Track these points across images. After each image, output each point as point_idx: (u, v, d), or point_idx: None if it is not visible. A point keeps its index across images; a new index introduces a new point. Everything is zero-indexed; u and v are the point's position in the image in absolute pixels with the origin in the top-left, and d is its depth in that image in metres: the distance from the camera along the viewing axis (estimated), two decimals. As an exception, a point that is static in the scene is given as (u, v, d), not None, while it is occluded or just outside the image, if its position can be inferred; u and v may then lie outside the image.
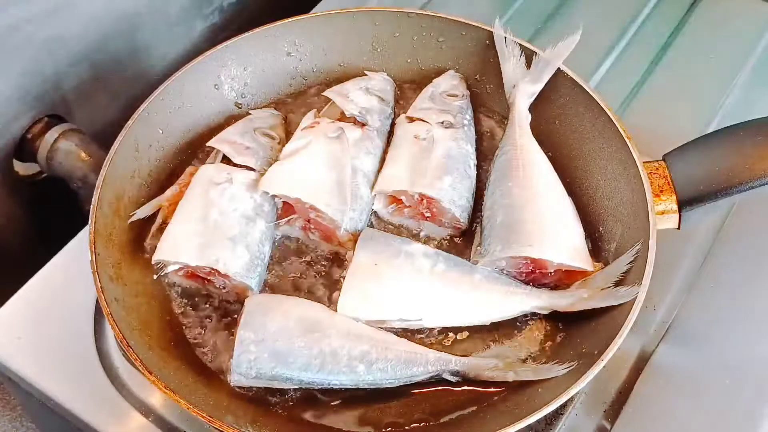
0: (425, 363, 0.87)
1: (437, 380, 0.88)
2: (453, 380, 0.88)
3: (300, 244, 0.99)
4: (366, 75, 1.11)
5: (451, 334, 0.92)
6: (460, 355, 0.89)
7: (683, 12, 1.36)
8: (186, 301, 0.95)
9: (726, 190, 0.92)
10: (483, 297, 0.91)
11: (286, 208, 0.98)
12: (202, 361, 0.90)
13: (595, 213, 0.98)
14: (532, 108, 1.04)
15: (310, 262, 0.98)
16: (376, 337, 0.87)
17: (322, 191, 0.95)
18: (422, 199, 0.97)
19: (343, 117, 1.05)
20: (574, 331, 0.91)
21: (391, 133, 1.07)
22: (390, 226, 1.01)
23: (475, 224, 0.99)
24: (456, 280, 0.91)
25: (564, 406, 0.91)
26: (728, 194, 0.92)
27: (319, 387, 0.87)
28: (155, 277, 0.94)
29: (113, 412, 0.93)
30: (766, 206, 1.10)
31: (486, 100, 1.12)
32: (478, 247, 0.95)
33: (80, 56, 1.18)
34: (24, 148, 1.15)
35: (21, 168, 1.19)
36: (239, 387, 0.87)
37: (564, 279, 0.93)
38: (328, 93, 1.07)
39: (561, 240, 0.92)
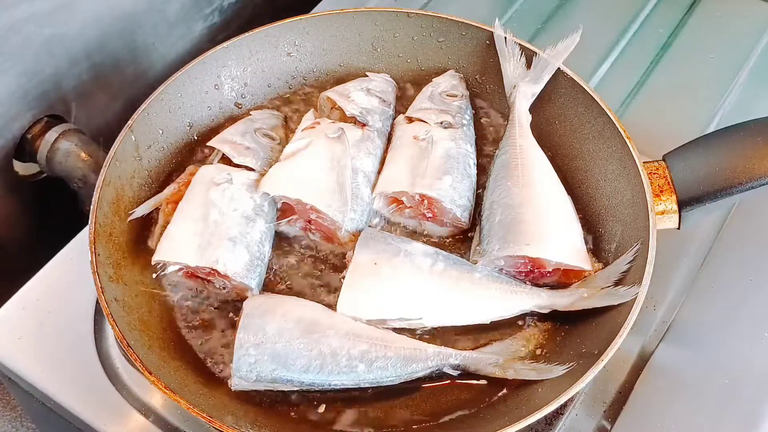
0: (425, 358, 0.87)
1: (438, 375, 0.88)
2: (454, 374, 0.88)
3: (300, 244, 0.99)
4: (367, 76, 1.11)
5: (451, 333, 0.92)
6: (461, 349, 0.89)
7: (683, 12, 1.36)
8: (186, 301, 0.94)
9: (726, 190, 0.92)
10: (483, 296, 0.91)
11: (286, 209, 0.98)
12: (202, 361, 0.90)
13: (595, 213, 0.98)
14: (532, 108, 1.04)
15: (311, 262, 0.98)
16: (375, 336, 0.87)
17: (322, 192, 0.95)
18: (423, 200, 0.97)
19: (343, 117, 1.05)
20: (574, 331, 0.91)
21: (390, 134, 1.07)
22: (391, 227, 1.01)
23: (475, 224, 0.99)
24: (456, 279, 0.91)
25: (564, 406, 0.91)
26: (728, 194, 0.92)
27: (320, 388, 0.87)
28: (155, 276, 0.94)
29: (113, 412, 0.93)
30: (766, 206, 1.10)
31: (486, 100, 1.12)
32: (478, 247, 0.95)
33: (80, 56, 1.18)
34: (24, 148, 1.15)
35: (21, 168, 1.19)
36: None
37: (563, 279, 0.93)
38: (328, 93, 1.07)
39: (559, 239, 0.92)
